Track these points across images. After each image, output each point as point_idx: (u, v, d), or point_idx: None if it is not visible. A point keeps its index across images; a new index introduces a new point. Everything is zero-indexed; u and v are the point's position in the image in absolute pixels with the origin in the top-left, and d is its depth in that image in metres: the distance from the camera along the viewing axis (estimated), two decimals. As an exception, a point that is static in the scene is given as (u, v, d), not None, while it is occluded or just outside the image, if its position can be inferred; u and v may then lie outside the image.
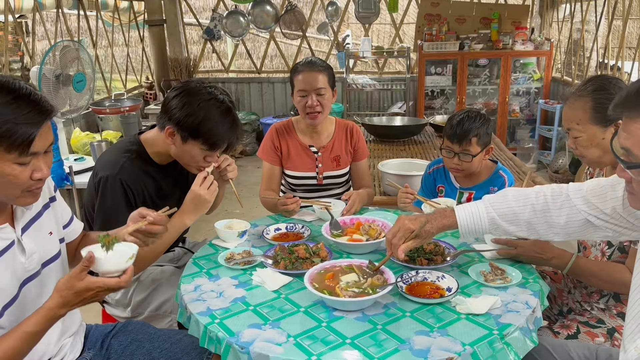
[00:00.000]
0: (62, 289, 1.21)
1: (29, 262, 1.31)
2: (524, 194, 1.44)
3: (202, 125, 1.76)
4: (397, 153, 3.48)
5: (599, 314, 1.70)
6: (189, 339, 1.60)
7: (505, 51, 5.93)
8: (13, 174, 1.16)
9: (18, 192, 1.20)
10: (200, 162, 1.84)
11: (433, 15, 6.30)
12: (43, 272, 1.36)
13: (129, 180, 1.81)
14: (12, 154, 1.14)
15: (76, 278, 1.20)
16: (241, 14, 6.51)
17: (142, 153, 1.89)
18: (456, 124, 2.05)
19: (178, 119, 1.76)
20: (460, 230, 1.48)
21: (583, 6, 5.45)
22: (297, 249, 1.71)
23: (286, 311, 1.45)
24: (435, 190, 2.26)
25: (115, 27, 6.26)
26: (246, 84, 7.10)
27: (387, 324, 1.38)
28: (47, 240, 1.39)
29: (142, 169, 1.87)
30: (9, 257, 1.25)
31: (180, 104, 1.77)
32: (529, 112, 6.33)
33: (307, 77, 2.26)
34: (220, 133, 1.79)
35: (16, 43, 7.03)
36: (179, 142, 1.80)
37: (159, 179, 1.92)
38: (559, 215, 1.37)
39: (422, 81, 6.17)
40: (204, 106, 1.77)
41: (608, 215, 1.30)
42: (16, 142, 1.12)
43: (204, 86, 1.83)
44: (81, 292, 1.21)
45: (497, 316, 1.39)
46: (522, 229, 1.43)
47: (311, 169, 2.42)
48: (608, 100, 1.58)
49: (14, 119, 1.11)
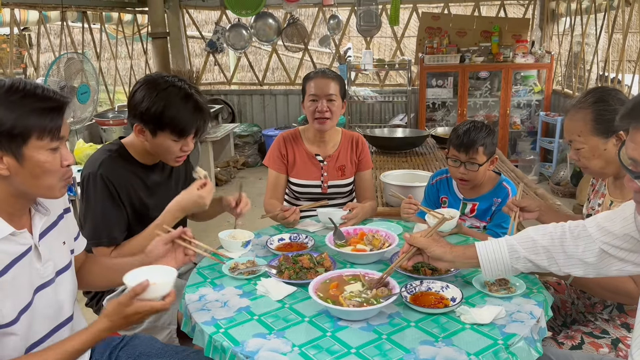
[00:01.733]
0: (112, 314, 1.27)
1: (44, 268, 1.32)
2: (543, 226, 1.46)
3: (164, 114, 1.75)
4: (398, 164, 3.49)
5: (603, 324, 1.70)
6: (196, 355, 1.59)
7: (506, 64, 5.98)
8: (48, 160, 1.21)
9: (55, 181, 1.25)
10: (177, 153, 1.84)
11: (434, 28, 6.35)
12: (57, 280, 1.37)
13: (111, 176, 1.80)
14: (44, 140, 1.19)
15: (125, 304, 1.27)
16: (244, 27, 6.57)
17: (124, 153, 1.90)
18: (463, 133, 2.07)
19: (142, 112, 1.76)
20: (480, 259, 1.46)
21: (583, 20, 5.49)
22: (301, 259, 1.71)
23: (291, 321, 1.45)
24: (438, 201, 2.27)
25: (119, 39, 6.31)
26: (248, 96, 7.15)
27: (392, 333, 1.38)
28: (60, 249, 1.40)
29: (125, 167, 1.87)
30: (27, 262, 1.27)
31: (141, 97, 1.77)
32: (530, 125, 6.36)
33: (319, 83, 2.32)
34: (184, 119, 1.78)
35: (19, 55, 7.09)
36: (149, 137, 1.81)
37: (145, 178, 1.93)
38: (576, 245, 1.37)
39: (423, 93, 6.21)
40: (163, 95, 1.76)
41: (620, 239, 1.30)
42: (47, 128, 1.18)
43: (162, 76, 1.82)
44: (129, 316, 1.28)
45: (501, 326, 1.40)
46: (542, 257, 1.41)
47: (316, 178, 2.44)
48: (608, 111, 1.60)
49: (40, 105, 1.18)
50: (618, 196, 1.69)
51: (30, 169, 1.20)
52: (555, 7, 6.27)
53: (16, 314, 1.23)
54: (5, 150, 1.17)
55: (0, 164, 1.18)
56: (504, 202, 2.09)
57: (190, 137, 1.83)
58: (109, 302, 1.31)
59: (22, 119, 1.16)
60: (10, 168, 1.19)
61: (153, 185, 1.95)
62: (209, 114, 1.88)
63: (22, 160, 1.18)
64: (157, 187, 1.97)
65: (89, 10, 5.40)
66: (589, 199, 1.87)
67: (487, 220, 2.16)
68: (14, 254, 1.23)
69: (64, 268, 1.41)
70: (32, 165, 1.20)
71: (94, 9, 5.49)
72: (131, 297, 1.27)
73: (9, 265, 1.22)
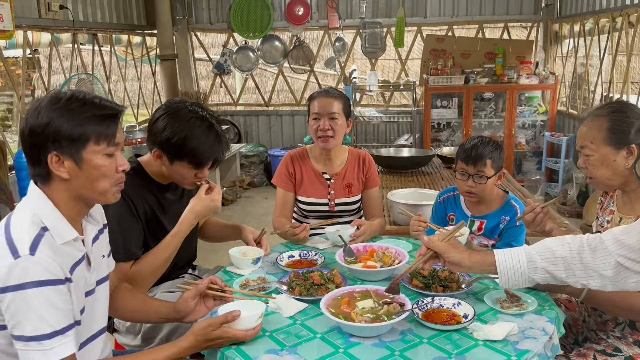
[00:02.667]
0: (198, 334, 1.38)
1: (91, 276, 1.38)
2: (560, 237, 1.46)
3: (185, 145, 1.78)
4: (405, 184, 3.50)
5: (615, 342, 1.68)
6: None
7: (510, 85, 6.03)
8: (105, 164, 1.30)
9: (109, 185, 1.33)
10: (192, 179, 1.88)
11: (438, 50, 6.43)
12: (97, 289, 1.42)
13: (128, 191, 1.80)
14: (101, 145, 1.28)
15: (213, 327, 1.38)
16: (251, 49, 6.68)
17: (141, 171, 1.93)
18: (470, 147, 2.09)
19: (162, 141, 1.80)
20: (498, 267, 1.45)
21: (586, 41, 5.55)
22: (312, 276, 1.72)
23: (302, 337, 1.45)
24: (446, 219, 2.27)
25: (128, 61, 6.41)
26: (254, 117, 7.21)
27: (405, 350, 1.37)
28: (101, 261, 1.46)
29: (142, 184, 1.90)
30: (83, 268, 1.33)
31: (163, 126, 1.80)
32: (535, 145, 6.38)
33: (322, 102, 2.35)
34: (204, 151, 1.81)
35: (28, 77, 7.21)
36: (167, 163, 1.85)
37: (160, 196, 1.95)
38: (594, 257, 1.37)
39: (428, 114, 6.25)
40: (186, 126, 1.79)
41: (636, 252, 1.30)
42: (103, 133, 1.27)
43: (186, 105, 1.85)
44: (212, 340, 1.38)
45: (514, 342, 1.39)
46: (560, 268, 1.41)
47: (323, 196, 2.46)
48: (625, 123, 1.62)
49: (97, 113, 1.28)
50: (628, 212, 1.70)
51: (88, 172, 1.29)
52: (558, 29, 6.34)
53: (80, 315, 1.30)
54: (66, 154, 1.26)
55: (62, 167, 1.26)
56: (513, 221, 2.10)
57: (207, 166, 1.87)
58: (198, 322, 1.40)
59: (81, 124, 1.25)
60: (70, 171, 1.27)
61: (166, 204, 1.98)
62: (227, 144, 1.92)
63: (81, 163, 1.27)
64: (171, 205, 1.99)
65: (100, 33, 5.50)
66: (598, 217, 1.88)
67: (496, 239, 2.16)
68: (76, 258, 1.30)
69: (103, 279, 1.46)
70: (90, 169, 1.29)
71: (104, 32, 5.60)
72: (221, 322, 1.38)
73: (73, 268, 1.28)
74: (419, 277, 1.71)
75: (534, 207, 1.88)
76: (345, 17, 6.60)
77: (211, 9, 6.82)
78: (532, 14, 6.50)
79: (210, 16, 6.84)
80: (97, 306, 1.42)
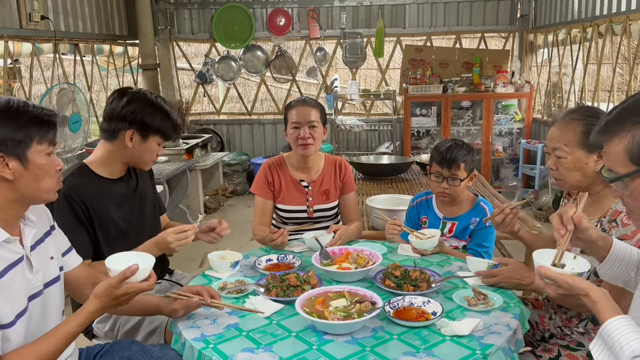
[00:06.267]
0: (102, 296, 1.40)
1: (35, 279, 1.41)
2: None
3: (161, 121, 1.99)
4: (384, 190, 3.58)
5: (578, 337, 1.77)
6: (175, 353, 1.62)
7: (487, 93, 6.17)
8: (47, 163, 1.37)
9: (53, 184, 1.41)
10: (155, 156, 2.05)
11: (417, 60, 6.56)
12: (45, 292, 1.45)
13: (73, 194, 1.88)
14: (43, 144, 1.35)
15: (115, 286, 1.39)
16: (233, 59, 6.74)
17: (86, 171, 1.99)
18: (445, 150, 2.17)
19: (141, 120, 1.95)
20: (612, 251, 1.38)
21: (560, 51, 5.72)
22: (289, 277, 1.77)
23: (278, 336, 1.51)
24: (419, 222, 2.35)
25: (110, 71, 6.42)
26: (237, 126, 7.26)
27: (376, 346, 1.43)
28: (49, 263, 1.48)
29: (89, 185, 1.95)
30: (20, 270, 1.36)
31: (140, 108, 1.96)
32: (512, 152, 6.52)
33: (301, 111, 2.42)
34: (171, 124, 2.03)
35: (8, 87, 7.16)
36: (138, 141, 1.97)
37: (110, 191, 2.01)
38: None
39: (408, 122, 6.36)
40: (154, 105, 1.99)
41: None
42: (44, 134, 1.35)
43: (144, 92, 2.03)
44: (118, 297, 1.41)
45: (479, 337, 1.46)
46: None
47: (302, 203, 2.51)
48: None
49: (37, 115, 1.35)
50: (591, 213, 1.74)
51: (33, 171, 1.35)
52: (533, 39, 6.52)
53: (13, 317, 1.32)
54: (11, 155, 1.31)
55: (6, 169, 1.31)
56: (482, 222, 2.18)
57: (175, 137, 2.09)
58: (98, 286, 1.41)
59: (25, 126, 1.32)
60: (15, 172, 1.32)
61: (119, 198, 2.04)
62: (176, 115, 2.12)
63: (26, 163, 1.33)
64: (124, 199, 2.05)
65: (81, 43, 5.51)
66: None
67: (467, 240, 2.24)
68: (8, 260, 1.33)
69: (53, 280, 1.49)
70: (35, 168, 1.35)
71: (86, 42, 5.61)
72: (120, 280, 1.39)
73: (5, 270, 1.31)
74: (392, 277, 1.78)
75: (502, 208, 1.92)
76: (326, 28, 6.71)
77: (193, 19, 6.87)
78: (508, 25, 6.67)
79: (193, 26, 6.89)
80: (49, 308, 1.46)
